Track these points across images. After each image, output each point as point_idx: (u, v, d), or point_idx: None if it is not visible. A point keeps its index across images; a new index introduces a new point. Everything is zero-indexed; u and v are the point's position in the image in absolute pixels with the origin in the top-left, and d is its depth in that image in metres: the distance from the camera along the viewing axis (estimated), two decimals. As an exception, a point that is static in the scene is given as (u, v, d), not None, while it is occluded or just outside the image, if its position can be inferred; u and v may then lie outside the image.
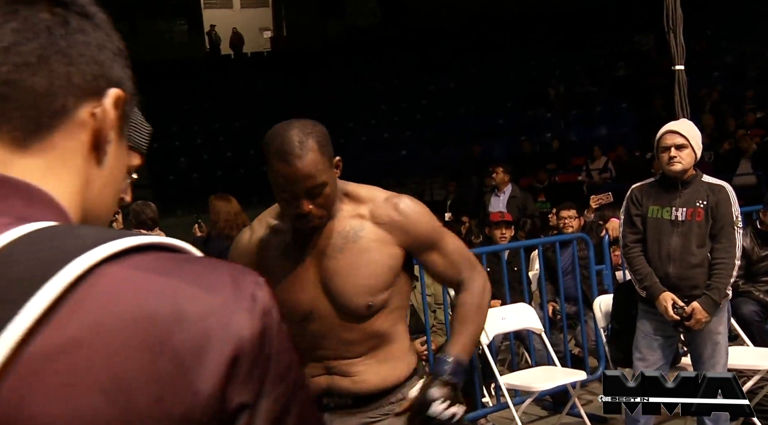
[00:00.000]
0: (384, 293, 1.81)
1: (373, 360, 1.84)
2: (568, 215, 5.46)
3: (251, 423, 0.50)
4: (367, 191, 1.87)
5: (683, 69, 4.57)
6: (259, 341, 0.51)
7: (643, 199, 3.44)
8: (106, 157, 0.62)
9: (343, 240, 1.79)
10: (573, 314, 5.17)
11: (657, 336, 3.41)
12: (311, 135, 1.70)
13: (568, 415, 4.18)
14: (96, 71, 0.61)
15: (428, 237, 1.86)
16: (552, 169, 13.31)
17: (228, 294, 0.52)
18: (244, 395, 0.50)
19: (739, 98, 13.27)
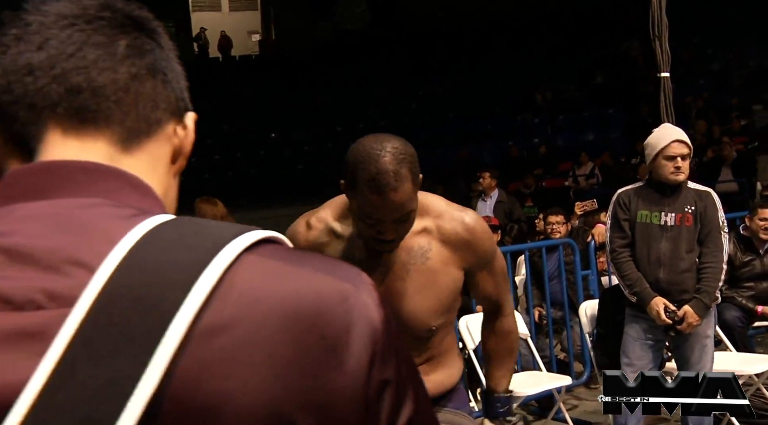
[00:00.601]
0: (447, 314, 1.82)
1: (428, 370, 1.86)
2: (555, 220, 5.48)
3: (396, 396, 0.54)
4: (433, 201, 1.80)
5: (669, 76, 4.60)
6: (387, 324, 0.55)
7: (631, 203, 3.44)
8: (178, 169, 0.69)
9: (411, 261, 1.74)
10: (559, 319, 5.19)
11: (646, 341, 3.42)
12: (404, 162, 1.57)
13: (553, 420, 4.20)
14: (179, 94, 0.68)
15: (487, 255, 1.82)
16: (539, 174, 13.37)
17: (354, 281, 0.55)
18: (386, 372, 0.54)
19: (724, 106, 13.39)
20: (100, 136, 0.61)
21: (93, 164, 0.59)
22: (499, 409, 1.93)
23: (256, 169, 16.30)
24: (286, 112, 17.74)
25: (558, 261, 5.13)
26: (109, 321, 0.49)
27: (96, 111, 0.61)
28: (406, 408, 0.55)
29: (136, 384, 0.47)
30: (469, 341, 4.13)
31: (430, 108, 17.20)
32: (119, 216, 0.55)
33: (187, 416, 0.49)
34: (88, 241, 0.53)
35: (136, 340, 0.48)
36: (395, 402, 0.54)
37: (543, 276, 5.00)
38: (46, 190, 0.57)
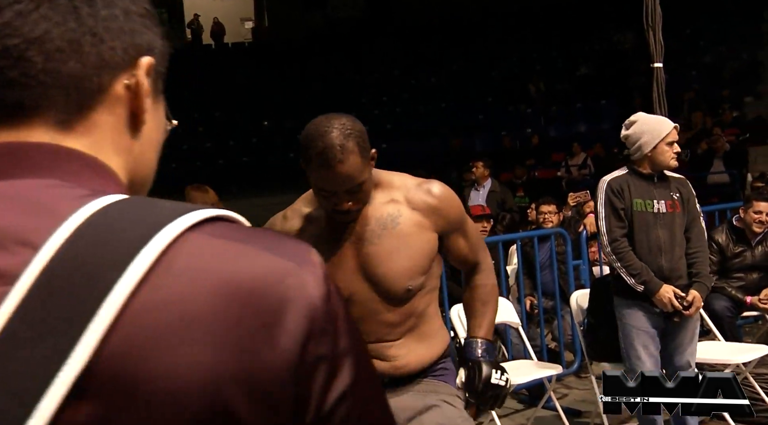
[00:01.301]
0: (422, 277, 1.88)
1: (411, 341, 1.91)
2: (548, 210, 5.49)
3: (329, 370, 0.54)
4: (398, 178, 1.93)
5: (662, 67, 4.61)
6: (327, 301, 0.55)
7: (624, 192, 3.43)
8: (144, 126, 0.64)
9: (382, 227, 1.85)
10: (550, 309, 5.21)
11: (649, 329, 3.42)
12: (351, 136, 1.72)
13: (543, 409, 4.23)
14: (125, 43, 0.62)
15: (458, 220, 1.93)
16: (531, 164, 13.39)
17: (297, 259, 0.55)
18: (321, 348, 0.54)
19: (716, 97, 13.43)
20: (37, 118, 0.59)
21: (51, 145, 0.58)
22: (475, 351, 1.93)
23: (248, 157, 16.25)
24: (279, 99, 17.67)
25: (549, 251, 5.15)
26: (48, 299, 0.49)
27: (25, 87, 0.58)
28: (340, 380, 0.55)
29: (64, 361, 0.48)
30: (460, 330, 4.15)
31: (422, 98, 17.17)
32: (72, 197, 0.55)
33: (119, 393, 0.49)
34: (36, 221, 0.53)
35: (71, 318, 0.49)
36: (327, 376, 0.54)
37: (534, 266, 5.02)
38: (2, 171, 0.57)
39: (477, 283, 2.03)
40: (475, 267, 2.03)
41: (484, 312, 2.01)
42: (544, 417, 4.30)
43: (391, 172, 1.96)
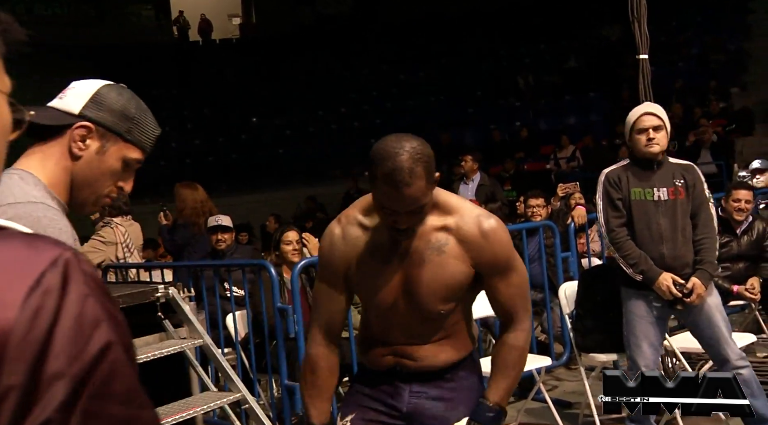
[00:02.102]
0: (452, 303, 1.97)
1: (437, 346, 2.01)
2: (536, 203, 5.51)
3: (24, 405, 0.51)
4: (456, 202, 1.99)
5: (647, 58, 4.63)
6: (28, 323, 0.52)
7: (621, 182, 3.43)
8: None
9: (428, 251, 1.92)
10: (539, 301, 5.24)
11: (651, 318, 3.43)
12: (420, 161, 1.76)
13: (533, 400, 4.25)
14: None
15: (501, 264, 1.96)
16: (521, 157, 13.43)
17: (5, 279, 0.53)
18: (9, 377, 0.51)
19: (702, 88, 13.50)
20: None
21: None
22: (484, 415, 1.98)
23: (238, 154, 16.22)
24: (267, 96, 17.63)
25: (538, 244, 5.17)
26: None
27: None
28: (38, 410, 0.52)
29: None
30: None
31: (411, 93, 17.17)
32: None
33: None
34: None
35: None
36: (18, 408, 0.51)
37: (523, 259, 5.04)
38: None
39: (511, 343, 2.02)
40: (511, 322, 2.02)
41: (508, 376, 2.01)
42: (534, 408, 4.33)
43: (450, 194, 2.03)
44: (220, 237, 5.01)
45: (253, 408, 3.22)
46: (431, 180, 1.81)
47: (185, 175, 11.28)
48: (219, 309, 4.54)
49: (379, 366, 2.04)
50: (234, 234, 5.35)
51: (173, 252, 5.72)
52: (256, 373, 4.39)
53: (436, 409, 2.01)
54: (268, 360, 4.28)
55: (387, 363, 2.02)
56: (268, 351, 4.30)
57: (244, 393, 3.22)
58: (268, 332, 4.26)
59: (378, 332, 2.03)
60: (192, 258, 5.32)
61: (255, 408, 3.23)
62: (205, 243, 5.30)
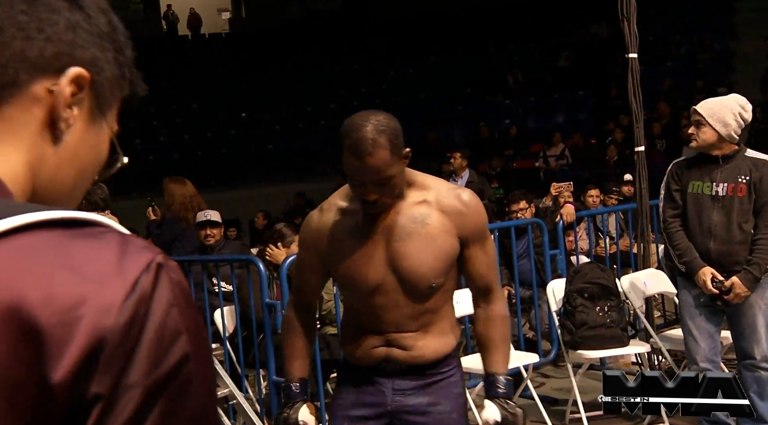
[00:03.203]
0: (443, 277, 1.99)
1: (427, 334, 2.03)
2: (518, 208, 5.50)
3: (105, 414, 0.50)
4: (433, 180, 2.05)
5: (636, 57, 4.66)
6: (124, 331, 0.51)
7: (683, 174, 3.46)
8: (64, 136, 0.62)
9: (412, 225, 1.96)
10: (527, 298, 5.26)
11: (702, 306, 3.44)
12: (384, 133, 1.84)
13: (520, 397, 4.27)
14: (59, 49, 0.60)
15: (481, 232, 2.02)
16: (510, 155, 13.46)
17: (104, 280, 0.52)
18: (99, 386, 0.50)
19: (689, 88, 13.57)
20: None
21: None
22: (501, 390, 2.02)
23: (227, 149, 16.15)
24: (257, 91, 17.57)
25: (527, 241, 5.19)
26: None
27: None
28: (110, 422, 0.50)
29: None
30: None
31: (401, 89, 17.16)
32: None
33: None
34: None
35: None
36: (102, 418, 0.50)
37: (512, 256, 5.06)
38: None
39: (494, 314, 2.08)
40: (488, 293, 2.08)
41: (506, 345, 2.10)
42: (521, 405, 4.33)
43: (426, 174, 2.08)
44: (209, 233, 4.99)
45: (241, 403, 3.22)
46: (397, 152, 1.86)
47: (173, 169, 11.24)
48: (207, 304, 4.53)
49: (366, 361, 2.04)
50: (223, 229, 5.34)
51: (161, 248, 5.69)
52: (243, 369, 4.39)
53: (419, 405, 2.03)
54: (256, 355, 4.28)
55: (376, 355, 2.02)
56: (256, 347, 4.30)
57: (231, 388, 3.22)
58: (256, 327, 4.26)
59: (366, 320, 2.03)
60: (180, 253, 5.29)
61: (242, 403, 3.22)
62: (193, 239, 5.28)
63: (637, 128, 4.66)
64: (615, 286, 4.20)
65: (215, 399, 0.59)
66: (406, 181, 1.98)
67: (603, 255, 5.79)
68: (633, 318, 4.99)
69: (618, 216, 6.34)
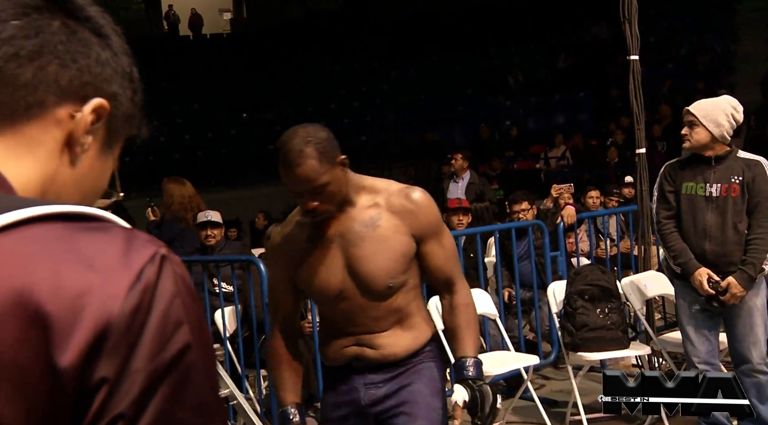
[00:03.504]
0: (401, 276, 2.03)
1: (397, 332, 2.08)
2: (520, 209, 5.49)
3: (110, 397, 0.53)
4: (382, 183, 2.11)
5: (638, 59, 4.65)
6: (129, 318, 0.53)
7: (676, 175, 3.46)
8: (78, 160, 0.66)
9: (364, 229, 2.02)
10: (528, 300, 5.26)
11: (698, 310, 3.43)
12: (311, 143, 1.92)
13: (521, 399, 4.27)
14: (87, 79, 0.65)
15: (434, 228, 2.07)
16: (510, 156, 13.45)
17: (110, 271, 0.54)
18: (105, 370, 0.52)
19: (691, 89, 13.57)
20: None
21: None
22: (468, 372, 2.04)
23: (227, 149, 16.16)
24: (257, 91, 17.57)
25: (527, 243, 5.19)
26: None
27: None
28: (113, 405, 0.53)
29: None
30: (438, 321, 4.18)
31: (401, 89, 17.16)
32: None
33: None
34: None
35: None
36: (106, 400, 0.53)
37: (512, 258, 5.05)
38: None
39: (458, 303, 2.11)
40: (450, 285, 2.12)
41: (470, 332, 2.11)
42: (521, 407, 4.35)
43: (377, 178, 2.15)
44: (210, 233, 4.99)
45: (241, 404, 3.22)
46: (327, 160, 1.93)
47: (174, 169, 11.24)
48: (207, 304, 4.53)
49: (339, 361, 2.11)
50: (223, 229, 5.34)
51: (161, 248, 5.69)
52: (244, 369, 4.39)
53: (390, 391, 2.07)
54: (257, 356, 4.28)
55: (347, 354, 2.09)
56: (256, 347, 4.30)
57: (232, 389, 3.21)
58: (256, 328, 4.26)
59: (336, 324, 2.10)
60: (180, 253, 5.27)
61: (243, 404, 3.22)
62: (193, 239, 5.28)
63: (638, 130, 4.66)
64: (615, 288, 4.20)
65: (216, 389, 0.61)
66: (357, 187, 2.05)
67: (603, 257, 5.79)
68: (633, 320, 4.98)
69: (619, 218, 6.34)
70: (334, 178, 1.95)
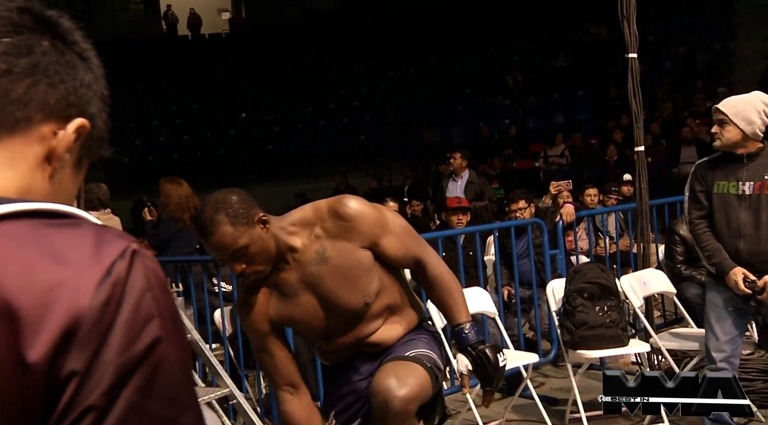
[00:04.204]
0: (370, 288, 2.06)
1: (389, 325, 2.13)
2: (518, 207, 5.50)
3: (79, 390, 0.53)
4: (311, 212, 2.09)
5: (636, 57, 4.66)
6: (99, 311, 0.55)
7: (707, 175, 3.42)
8: (57, 175, 0.68)
9: (317, 267, 2.03)
10: (527, 298, 5.26)
11: (729, 309, 3.40)
12: (221, 210, 1.93)
13: (520, 397, 4.27)
14: (72, 100, 0.68)
15: (375, 228, 2.07)
16: (509, 155, 13.46)
17: (80, 265, 0.55)
18: (75, 363, 0.53)
19: (690, 88, 13.58)
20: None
21: None
22: (468, 338, 2.07)
23: (226, 150, 16.16)
24: (256, 91, 17.57)
25: (526, 241, 5.19)
26: None
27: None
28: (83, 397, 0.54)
29: None
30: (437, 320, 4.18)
31: (400, 89, 17.16)
32: None
33: None
34: None
35: None
36: (77, 394, 0.54)
37: (512, 256, 5.06)
38: None
39: (432, 276, 2.13)
40: (419, 264, 2.13)
41: (456, 297, 2.13)
42: (521, 405, 4.35)
43: (304, 207, 2.14)
44: (209, 233, 4.98)
45: (241, 403, 3.22)
46: (242, 223, 1.93)
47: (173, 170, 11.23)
48: (207, 304, 4.53)
49: (338, 360, 2.19)
50: (223, 230, 5.33)
51: (157, 248, 5.69)
52: (244, 369, 4.39)
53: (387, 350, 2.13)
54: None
55: (347, 355, 2.18)
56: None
57: (231, 388, 3.22)
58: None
59: (330, 342, 2.17)
60: (177, 253, 5.29)
61: (243, 403, 3.23)
62: (190, 239, 5.28)
63: (637, 128, 4.66)
64: (615, 286, 4.20)
65: (189, 382, 0.62)
66: (289, 231, 2.03)
67: (603, 255, 5.79)
68: (633, 318, 4.99)
69: (618, 216, 6.34)
70: (254, 238, 1.95)
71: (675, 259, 5.09)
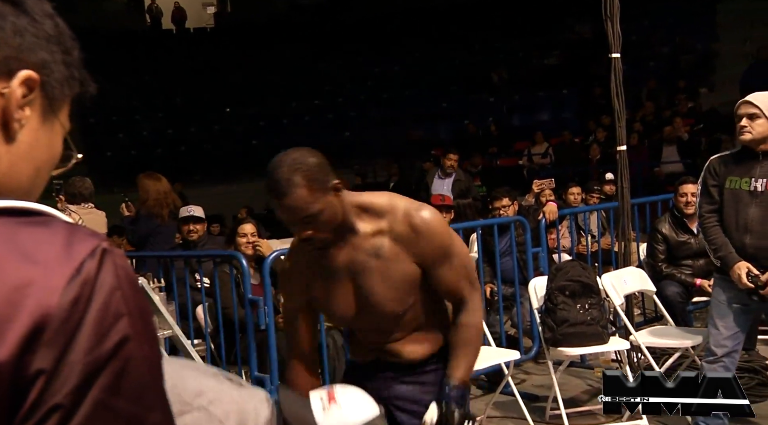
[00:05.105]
0: (408, 299, 2.03)
1: (411, 341, 2.11)
2: (501, 205, 5.52)
3: (46, 389, 0.53)
4: (388, 202, 2.01)
5: (619, 57, 4.69)
6: (68, 310, 0.54)
7: (721, 169, 3.44)
8: (18, 135, 0.64)
9: (368, 259, 1.98)
10: (509, 295, 5.29)
11: (733, 305, 3.43)
12: (299, 171, 1.83)
13: (501, 394, 4.30)
14: (7, 53, 0.63)
15: (439, 253, 2.01)
16: (493, 152, 13.50)
17: (50, 264, 0.55)
18: (42, 361, 0.53)
19: (673, 88, 13.69)
20: None
21: None
22: (449, 394, 2.04)
23: (210, 144, 16.07)
24: (241, 86, 17.49)
25: (509, 239, 5.22)
26: None
27: None
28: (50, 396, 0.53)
29: None
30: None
31: (385, 85, 17.16)
32: None
33: None
34: None
35: None
36: (43, 393, 0.53)
37: (494, 254, 5.08)
38: None
39: (463, 323, 2.09)
40: (462, 304, 2.09)
41: (467, 353, 2.09)
42: (502, 402, 4.38)
43: (378, 194, 2.07)
44: (192, 228, 4.97)
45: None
46: (318, 187, 1.84)
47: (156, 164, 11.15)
48: (189, 300, 4.51)
49: (363, 359, 2.19)
50: (206, 225, 5.32)
51: (136, 244, 5.66)
52: (225, 365, 4.38)
53: (412, 392, 2.12)
54: (238, 351, 4.27)
55: (370, 357, 2.17)
56: (237, 343, 4.29)
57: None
58: (238, 324, 4.25)
59: (356, 334, 2.20)
60: (155, 249, 5.26)
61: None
62: (168, 235, 5.25)
63: (620, 127, 4.70)
64: (596, 284, 4.24)
65: (158, 380, 0.61)
66: (357, 210, 1.97)
67: (585, 254, 5.84)
68: (613, 315, 5.03)
69: (600, 215, 6.39)
70: (327, 205, 1.88)
71: (657, 257, 5.14)
